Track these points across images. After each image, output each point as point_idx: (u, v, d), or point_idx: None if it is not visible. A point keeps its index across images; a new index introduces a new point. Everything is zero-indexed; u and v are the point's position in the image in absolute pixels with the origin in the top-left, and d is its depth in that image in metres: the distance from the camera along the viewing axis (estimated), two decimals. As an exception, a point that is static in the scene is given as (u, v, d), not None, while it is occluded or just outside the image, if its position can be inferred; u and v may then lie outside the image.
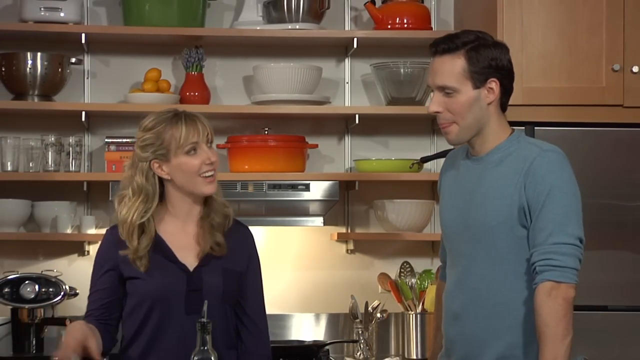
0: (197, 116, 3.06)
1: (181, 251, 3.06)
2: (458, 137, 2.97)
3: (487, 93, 2.93)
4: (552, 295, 2.80)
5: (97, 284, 3.08)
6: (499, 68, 2.94)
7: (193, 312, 2.94)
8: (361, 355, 4.13)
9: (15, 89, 4.24)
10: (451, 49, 2.91)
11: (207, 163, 3.01)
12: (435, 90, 2.95)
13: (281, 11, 4.30)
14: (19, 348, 4.17)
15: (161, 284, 3.00)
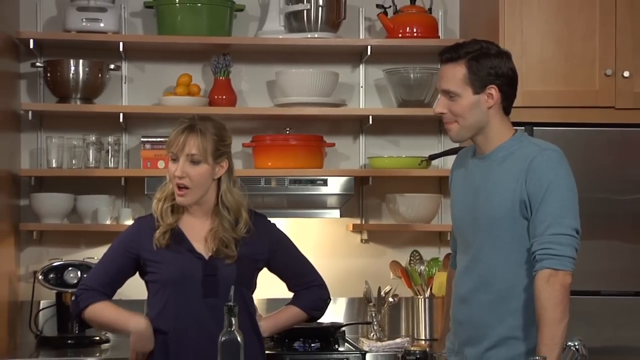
0: (196, 132, 3.08)
1: (197, 243, 3.10)
2: (458, 135, 3.00)
3: (487, 98, 2.94)
4: (550, 282, 2.79)
5: (114, 258, 3.16)
6: (498, 76, 2.95)
7: (209, 295, 3.00)
8: (374, 335, 4.12)
9: (59, 93, 4.24)
10: (454, 58, 2.94)
11: (175, 175, 3.07)
12: (441, 93, 2.98)
13: (301, 21, 4.30)
14: (63, 329, 4.18)
15: (179, 270, 3.05)
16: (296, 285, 3.28)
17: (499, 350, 2.93)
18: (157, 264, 3.07)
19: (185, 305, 3.04)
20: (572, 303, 2.84)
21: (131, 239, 3.15)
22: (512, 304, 2.92)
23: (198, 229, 3.12)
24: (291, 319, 3.29)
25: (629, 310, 3.87)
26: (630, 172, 3.92)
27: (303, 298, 3.28)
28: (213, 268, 3.06)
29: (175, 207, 3.12)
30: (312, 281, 3.29)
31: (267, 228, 3.22)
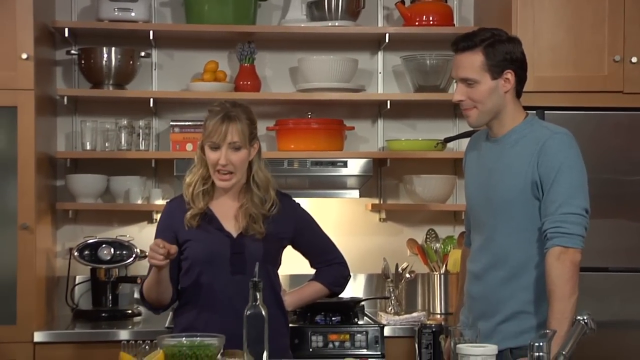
0: (235, 121, 3.07)
1: (227, 222, 3.12)
2: (477, 121, 2.99)
3: (504, 83, 2.94)
4: (560, 259, 2.78)
5: None
6: (513, 60, 2.95)
7: (237, 273, 3.02)
8: (392, 310, 4.12)
9: (92, 79, 4.25)
10: (470, 46, 2.92)
11: (219, 163, 3.06)
12: (458, 82, 2.97)
13: (322, 10, 4.29)
14: (97, 302, 4.20)
15: (209, 248, 3.07)
16: (319, 262, 3.31)
17: (510, 324, 2.93)
18: (187, 243, 3.08)
19: (214, 282, 3.06)
20: (581, 279, 2.84)
21: (165, 223, 3.18)
22: (524, 280, 2.91)
23: (227, 208, 3.13)
24: (314, 294, 3.32)
25: (635, 285, 3.86)
26: (637, 154, 3.91)
27: (325, 274, 3.30)
28: (240, 246, 3.07)
29: (206, 190, 3.13)
30: (334, 259, 3.32)
31: (292, 207, 3.23)
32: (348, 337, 3.79)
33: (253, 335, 2.53)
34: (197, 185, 3.13)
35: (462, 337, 2.61)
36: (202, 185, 3.13)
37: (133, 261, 4.16)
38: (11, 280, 3.80)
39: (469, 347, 2.53)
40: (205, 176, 3.14)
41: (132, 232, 4.34)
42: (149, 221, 4.38)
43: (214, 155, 3.07)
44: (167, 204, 3.28)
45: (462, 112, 3.01)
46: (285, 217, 3.17)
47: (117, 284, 4.20)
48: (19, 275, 3.80)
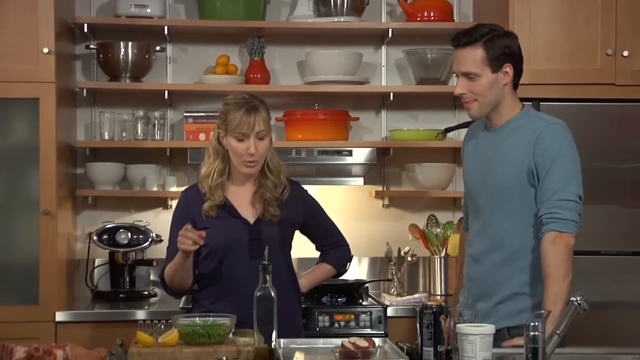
0: (259, 111, 3.04)
1: (243, 209, 3.09)
2: (478, 113, 2.98)
3: (503, 76, 2.94)
4: (555, 243, 2.78)
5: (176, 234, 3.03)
6: (511, 54, 2.94)
7: (256, 257, 2.94)
8: (395, 291, 4.13)
9: (110, 72, 4.25)
10: (471, 41, 2.91)
11: (248, 153, 3.02)
12: (459, 76, 2.96)
13: (329, 6, 4.28)
14: (115, 284, 4.21)
15: (228, 235, 3.04)
16: (325, 245, 3.31)
17: (508, 305, 2.93)
18: (207, 231, 3.00)
19: (234, 268, 3.04)
20: (574, 262, 2.83)
21: (182, 211, 3.14)
22: (521, 263, 2.91)
23: (243, 195, 3.11)
24: (324, 276, 3.33)
25: (626, 268, 3.86)
26: (628, 143, 3.90)
27: (332, 256, 3.31)
28: (258, 232, 3.06)
29: (222, 182, 3.09)
30: (338, 241, 3.32)
31: (301, 193, 3.23)
32: (353, 317, 3.80)
33: (263, 316, 2.54)
34: (214, 177, 3.08)
35: (461, 317, 2.61)
36: (219, 176, 3.09)
37: (149, 245, 4.17)
38: (34, 263, 3.81)
39: (468, 327, 2.53)
40: (222, 167, 3.10)
41: (148, 218, 4.35)
42: (164, 207, 4.39)
43: (242, 145, 3.03)
44: (183, 193, 3.23)
45: (464, 104, 2.99)
46: (295, 202, 3.16)
47: (134, 266, 4.20)
48: (41, 259, 3.81)
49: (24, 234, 3.84)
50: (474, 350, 2.49)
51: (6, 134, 3.87)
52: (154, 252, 4.23)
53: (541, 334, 2.40)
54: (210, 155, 3.13)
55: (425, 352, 2.55)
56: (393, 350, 2.65)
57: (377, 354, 2.62)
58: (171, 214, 4.27)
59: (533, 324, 2.41)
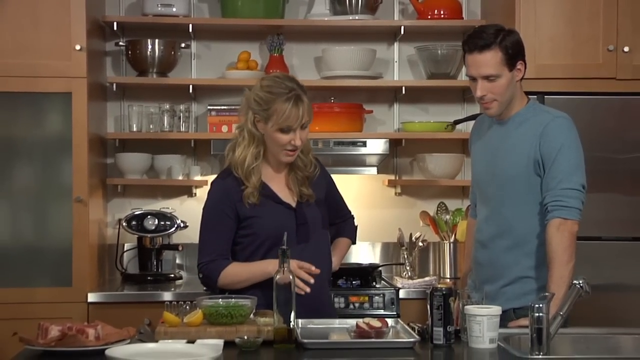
0: (303, 101, 2.83)
1: (282, 192, 2.93)
2: (498, 111, 2.95)
3: (517, 73, 2.91)
4: (560, 229, 2.77)
5: (218, 227, 2.87)
6: (521, 50, 2.92)
7: (303, 241, 2.86)
8: (406, 275, 4.12)
9: (138, 68, 4.25)
10: (488, 44, 2.85)
11: (292, 143, 2.84)
12: (479, 79, 2.88)
13: (344, 5, 4.27)
14: (144, 267, 4.22)
15: (276, 222, 2.86)
16: (337, 217, 3.14)
17: (513, 287, 2.93)
18: (252, 219, 2.86)
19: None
20: (577, 247, 2.82)
21: (223, 200, 2.88)
22: (526, 248, 2.91)
23: (278, 178, 2.94)
24: (346, 250, 3.19)
25: (626, 253, 3.85)
26: (629, 135, 3.88)
27: (347, 229, 3.18)
28: (303, 216, 2.89)
29: (258, 166, 2.87)
30: (347, 213, 3.20)
31: (323, 170, 3.05)
32: (367, 299, 3.80)
33: (282, 298, 2.53)
34: (249, 161, 2.85)
35: (469, 300, 2.61)
36: (254, 160, 2.86)
37: (175, 231, 4.17)
38: (67, 248, 3.83)
39: (476, 308, 2.53)
40: (256, 152, 2.87)
41: (174, 205, 4.36)
42: (189, 195, 4.40)
43: (286, 137, 2.81)
44: (217, 182, 2.94)
45: (482, 105, 2.94)
46: (320, 180, 3.01)
47: (161, 251, 4.21)
48: (74, 243, 3.82)
49: (58, 220, 3.85)
50: (481, 330, 2.50)
51: (41, 126, 3.88)
52: (180, 238, 4.24)
53: (545, 315, 2.40)
54: (245, 138, 2.88)
55: (436, 332, 2.55)
56: (405, 330, 2.65)
57: (390, 334, 2.62)
58: (195, 201, 4.33)
59: (538, 305, 2.40)
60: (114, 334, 2.50)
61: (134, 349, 2.34)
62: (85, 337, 2.42)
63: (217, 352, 2.31)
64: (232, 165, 2.90)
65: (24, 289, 3.79)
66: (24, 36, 3.80)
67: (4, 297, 3.76)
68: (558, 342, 2.58)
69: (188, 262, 4.33)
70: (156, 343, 2.46)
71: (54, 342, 2.40)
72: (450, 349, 2.53)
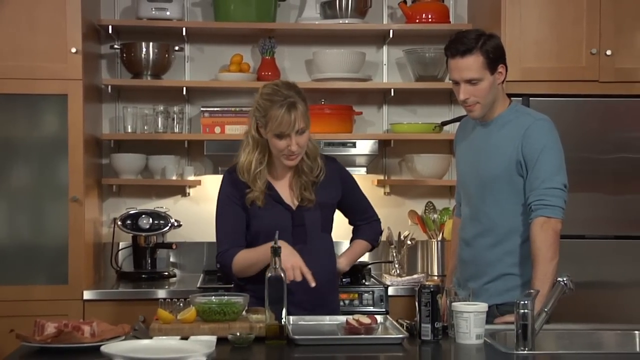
0: (297, 108, 2.82)
1: (285, 194, 2.94)
2: (480, 113, 2.96)
3: (499, 76, 2.92)
4: (544, 228, 2.78)
5: (231, 217, 2.89)
6: (502, 54, 2.94)
7: (298, 243, 2.84)
8: (395, 272, 4.12)
9: (133, 70, 4.24)
10: (470, 49, 2.86)
11: (288, 149, 2.84)
12: (461, 83, 2.89)
13: (334, 9, 4.27)
14: (138, 265, 4.21)
15: (272, 221, 2.86)
16: (359, 220, 3.13)
17: (496, 284, 2.93)
18: (250, 216, 2.88)
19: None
20: (561, 245, 2.83)
21: (232, 192, 2.90)
22: (509, 246, 2.92)
23: (283, 180, 2.94)
24: (362, 252, 3.15)
25: (609, 251, 3.85)
26: (611, 136, 3.88)
27: (368, 232, 3.14)
28: (301, 218, 2.89)
29: (262, 170, 2.88)
30: (372, 216, 3.16)
31: (338, 169, 3.03)
32: (357, 296, 3.80)
33: (274, 296, 2.52)
34: (255, 165, 2.88)
35: (456, 297, 2.62)
36: (258, 165, 2.88)
37: (169, 229, 4.16)
38: (63, 246, 3.82)
39: (463, 305, 2.53)
40: (260, 157, 2.89)
41: (168, 204, 4.35)
42: (182, 195, 4.39)
43: (282, 142, 2.82)
44: (227, 174, 2.95)
45: (466, 108, 2.96)
46: (332, 181, 2.98)
47: (155, 249, 4.20)
48: (70, 242, 3.81)
49: (55, 219, 3.84)
50: (468, 326, 2.50)
51: (38, 127, 3.87)
52: (174, 236, 4.24)
53: (530, 311, 2.40)
54: (249, 143, 2.90)
55: (424, 328, 2.55)
56: (393, 327, 2.65)
57: (379, 330, 2.63)
58: (189, 200, 4.33)
59: (523, 302, 2.41)
60: (109, 330, 2.49)
61: (129, 345, 2.33)
62: (81, 334, 2.42)
63: (210, 348, 2.30)
64: (238, 170, 2.91)
65: (21, 287, 3.78)
66: (21, 39, 3.79)
67: (1, 295, 3.75)
68: (543, 338, 2.58)
69: (182, 260, 4.33)
70: (150, 339, 2.45)
71: (50, 339, 2.39)
72: (437, 345, 2.54)
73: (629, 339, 2.74)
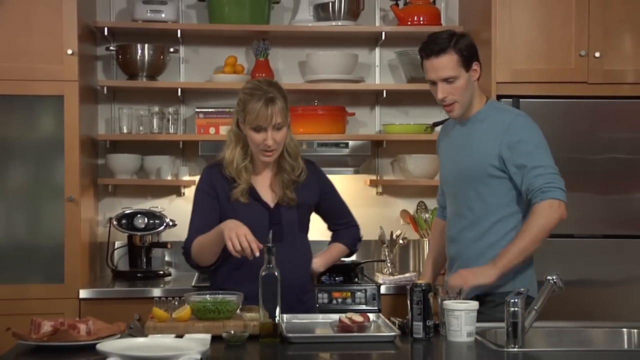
0: (275, 103, 2.84)
1: (264, 192, 2.94)
2: (460, 112, 2.99)
3: (474, 73, 2.94)
4: (553, 209, 2.80)
5: (205, 207, 2.89)
6: (475, 52, 2.95)
7: (275, 241, 2.76)
8: (387, 271, 4.13)
9: (128, 72, 4.24)
10: (444, 49, 2.90)
11: (264, 143, 2.85)
12: (438, 82, 2.92)
13: (327, 12, 4.27)
14: (134, 264, 4.21)
15: (249, 219, 2.83)
16: (337, 225, 3.13)
17: None
18: (228, 212, 2.86)
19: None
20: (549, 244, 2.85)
21: (209, 185, 2.91)
22: (491, 239, 2.93)
23: (263, 179, 2.94)
24: (339, 255, 3.15)
25: (597, 250, 3.86)
26: (600, 136, 3.90)
27: (346, 236, 3.14)
28: (278, 217, 2.89)
29: (247, 165, 2.90)
30: (350, 221, 3.16)
31: (317, 173, 3.05)
32: (349, 294, 3.80)
33: (268, 294, 2.53)
34: (238, 160, 2.89)
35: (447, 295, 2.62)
36: (243, 160, 2.89)
37: (164, 229, 4.16)
38: (59, 246, 3.81)
39: (454, 303, 2.54)
40: (243, 152, 2.90)
41: (163, 204, 4.35)
42: (177, 194, 4.39)
43: (259, 136, 2.83)
44: (206, 170, 2.98)
45: (445, 108, 2.98)
46: (311, 183, 2.99)
47: (150, 248, 4.20)
48: (66, 241, 3.81)
49: (51, 219, 3.84)
50: (459, 324, 2.51)
51: (34, 128, 3.87)
52: (169, 236, 4.23)
53: (520, 309, 2.41)
54: (231, 140, 2.93)
55: (415, 326, 2.56)
56: (386, 325, 2.65)
57: (371, 328, 2.63)
58: (184, 200, 4.33)
59: (513, 300, 2.42)
60: (105, 329, 2.49)
61: (124, 343, 2.33)
62: (77, 332, 2.42)
63: (204, 346, 2.30)
64: (224, 166, 2.92)
65: (17, 286, 3.78)
66: (17, 41, 3.78)
67: (-2, 294, 3.75)
68: (532, 336, 2.59)
69: (177, 260, 4.32)
70: (146, 337, 2.45)
71: (47, 337, 2.39)
72: (429, 343, 2.54)
73: (617, 336, 2.76)
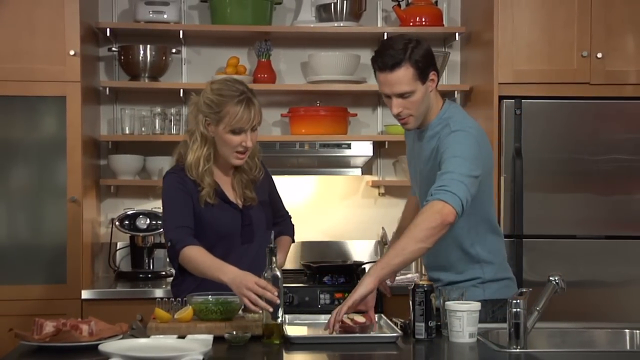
0: (254, 103, 2.81)
1: (229, 193, 2.92)
2: (415, 124, 2.82)
3: (431, 84, 2.77)
4: (435, 211, 2.58)
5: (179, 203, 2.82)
6: (432, 60, 2.77)
7: (246, 242, 2.84)
8: (389, 271, 4.11)
9: (130, 73, 4.24)
10: (399, 62, 2.70)
11: (242, 145, 2.82)
12: (393, 97, 2.75)
13: (329, 12, 4.27)
14: (136, 265, 4.21)
15: (223, 221, 2.85)
16: (277, 217, 3.08)
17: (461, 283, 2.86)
18: (201, 216, 2.84)
19: (227, 251, 2.82)
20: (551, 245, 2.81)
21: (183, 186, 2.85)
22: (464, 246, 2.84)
23: (226, 179, 2.92)
24: (289, 247, 3.12)
25: (599, 251, 3.85)
26: (602, 137, 3.88)
27: (287, 228, 3.11)
28: (249, 218, 2.89)
29: (210, 168, 2.85)
30: (286, 214, 3.14)
31: (266, 173, 3.03)
32: (351, 295, 3.79)
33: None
34: (202, 163, 2.83)
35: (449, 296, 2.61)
36: (206, 162, 2.84)
37: (166, 230, 4.16)
38: (62, 246, 3.81)
39: (456, 304, 2.53)
40: (208, 154, 2.85)
41: (165, 205, 4.34)
42: (180, 195, 4.38)
43: (238, 138, 2.80)
44: (170, 175, 2.90)
45: (400, 121, 2.82)
46: (264, 182, 2.99)
47: (152, 249, 4.20)
48: (69, 242, 3.81)
49: (53, 219, 3.84)
50: (461, 325, 2.50)
51: (37, 129, 3.87)
52: (171, 236, 4.23)
53: (523, 310, 2.40)
54: (196, 140, 2.85)
55: (417, 327, 2.55)
56: (388, 325, 2.65)
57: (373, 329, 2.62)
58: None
59: (516, 301, 2.41)
60: (107, 329, 2.49)
61: (127, 344, 2.33)
62: (79, 333, 2.41)
63: (206, 347, 2.30)
64: (187, 168, 2.86)
65: (20, 286, 3.78)
66: (20, 42, 3.78)
67: (0, 294, 3.74)
68: (535, 336, 2.58)
69: (179, 260, 4.31)
70: (148, 338, 2.45)
71: (49, 338, 2.39)
72: (431, 343, 2.54)
73: (620, 337, 2.75)
